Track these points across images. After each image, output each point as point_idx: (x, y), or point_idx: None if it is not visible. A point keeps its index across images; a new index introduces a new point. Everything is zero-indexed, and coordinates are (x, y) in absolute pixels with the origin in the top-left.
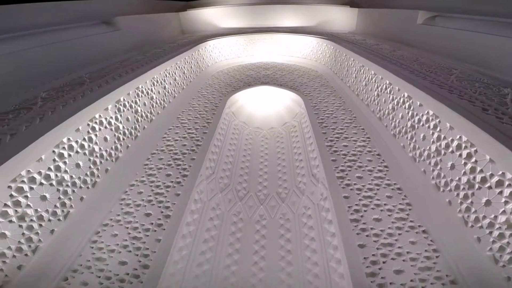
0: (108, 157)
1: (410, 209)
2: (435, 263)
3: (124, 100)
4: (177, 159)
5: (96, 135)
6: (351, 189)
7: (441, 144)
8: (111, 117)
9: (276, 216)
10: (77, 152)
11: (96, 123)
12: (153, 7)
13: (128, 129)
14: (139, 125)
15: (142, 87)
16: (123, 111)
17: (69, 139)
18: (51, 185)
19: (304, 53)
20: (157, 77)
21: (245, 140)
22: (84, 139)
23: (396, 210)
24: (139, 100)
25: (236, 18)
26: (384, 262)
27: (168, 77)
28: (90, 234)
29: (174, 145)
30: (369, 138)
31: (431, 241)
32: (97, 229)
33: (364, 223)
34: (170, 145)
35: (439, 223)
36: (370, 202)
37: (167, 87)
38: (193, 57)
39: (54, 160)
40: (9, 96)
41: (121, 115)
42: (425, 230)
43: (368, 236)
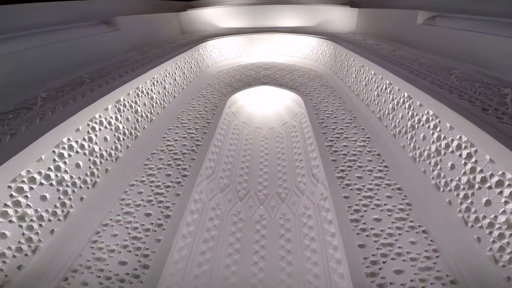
0: (108, 157)
1: (410, 209)
2: (435, 263)
3: (124, 100)
4: (177, 159)
5: (96, 135)
6: (351, 189)
7: (441, 144)
8: (111, 117)
9: (276, 216)
10: (77, 152)
11: (96, 123)
12: (153, 7)
13: (128, 129)
14: (139, 125)
15: (142, 87)
16: (123, 111)
17: (69, 139)
18: (51, 185)
19: (304, 53)
20: (157, 77)
21: (245, 140)
22: (84, 139)
23: (396, 210)
24: (139, 100)
25: (236, 18)
26: (384, 262)
27: (168, 77)
28: (90, 234)
29: (174, 145)
30: (369, 138)
31: (431, 241)
32: (97, 229)
33: (364, 223)
34: (170, 145)
35: (439, 223)
36: (370, 202)
37: (167, 87)
38: (193, 57)
39: (54, 160)
40: (9, 96)
41: (121, 115)
42: (425, 230)
43: (368, 236)
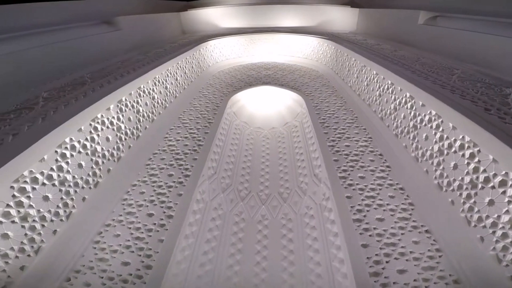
0: (110, 157)
1: (412, 209)
2: (438, 262)
3: (126, 100)
4: (179, 159)
5: (98, 135)
6: (354, 189)
7: (444, 144)
8: (113, 117)
9: (278, 216)
10: (79, 152)
11: (98, 123)
12: (153, 7)
13: (130, 129)
14: (140, 125)
15: (144, 87)
16: (125, 111)
17: (71, 139)
18: (54, 185)
19: (305, 53)
20: (158, 77)
21: (246, 140)
22: (87, 139)
23: (398, 210)
24: (140, 100)
25: (237, 18)
26: (387, 262)
27: (170, 77)
28: (92, 234)
29: (176, 145)
30: (371, 138)
31: (434, 240)
32: (99, 229)
33: (367, 223)
34: (172, 145)
35: (442, 223)
36: (373, 202)
37: (169, 87)
38: (194, 57)
39: (57, 160)
40: (9, 96)
41: (123, 115)
42: (428, 230)
43: (371, 236)
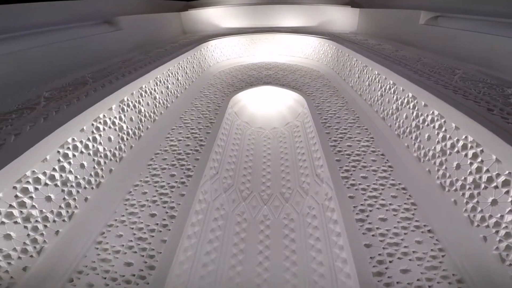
0: (112, 157)
1: (415, 209)
2: (441, 262)
3: (128, 100)
4: (181, 159)
5: (100, 135)
6: (356, 189)
7: (447, 144)
8: (115, 117)
9: (280, 216)
10: (81, 152)
11: (100, 123)
12: (153, 7)
13: (131, 129)
14: (142, 125)
15: (146, 87)
16: (127, 111)
17: (73, 139)
18: (56, 185)
19: (306, 53)
20: (160, 76)
21: (247, 140)
22: (89, 139)
23: (401, 209)
24: (142, 100)
25: (237, 18)
26: (391, 262)
27: (171, 77)
28: (95, 235)
29: (177, 145)
30: (372, 138)
31: (437, 240)
32: (102, 229)
33: (370, 223)
34: (173, 145)
35: (444, 222)
36: (375, 202)
37: (170, 87)
38: (195, 57)
39: (59, 161)
40: (9, 96)
41: (125, 115)
42: (431, 230)
43: (374, 235)
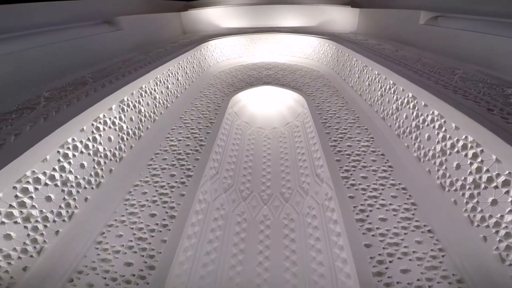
0: (112, 157)
1: (415, 209)
2: (441, 262)
3: (128, 100)
4: (181, 159)
5: (101, 135)
6: (356, 189)
7: (447, 144)
8: (115, 117)
9: (280, 216)
10: (81, 152)
11: (100, 123)
12: (153, 7)
13: (131, 129)
14: (142, 125)
15: (146, 87)
16: (127, 111)
17: (73, 139)
18: (56, 185)
19: (306, 53)
20: (160, 76)
21: (247, 140)
22: (89, 139)
23: (401, 209)
24: (142, 100)
25: (237, 18)
26: (391, 262)
27: (171, 77)
28: (95, 235)
29: (177, 145)
30: (372, 138)
31: (437, 240)
32: (101, 229)
33: (370, 223)
34: (173, 145)
35: (444, 222)
36: (375, 202)
37: (170, 87)
38: (195, 57)
39: (59, 161)
40: (9, 96)
41: (125, 115)
42: (431, 230)
43: (374, 235)
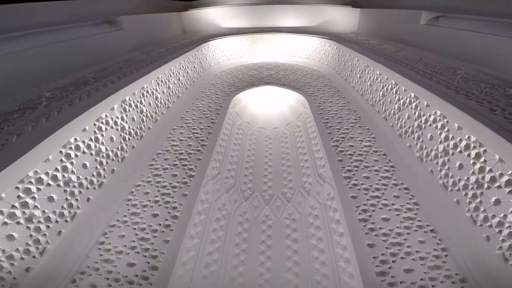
0: (114, 158)
1: (418, 209)
2: (444, 261)
3: (130, 100)
4: (183, 159)
5: (103, 135)
6: (359, 189)
7: (449, 144)
8: (117, 117)
9: (282, 216)
10: (83, 152)
11: (102, 123)
12: (153, 7)
13: (133, 129)
14: (144, 125)
15: (147, 86)
16: (129, 111)
17: (76, 139)
18: (58, 186)
19: (307, 53)
20: (161, 76)
21: (249, 140)
22: (91, 139)
23: (404, 209)
24: (144, 100)
25: (238, 18)
26: (394, 261)
27: (173, 76)
28: (97, 235)
29: (179, 145)
30: (374, 138)
31: (440, 240)
32: (104, 230)
33: (373, 223)
34: (175, 145)
35: (447, 222)
36: (378, 201)
37: (171, 87)
38: (196, 57)
39: (61, 161)
40: (10, 96)
41: (126, 115)
42: (433, 230)
43: (377, 235)
